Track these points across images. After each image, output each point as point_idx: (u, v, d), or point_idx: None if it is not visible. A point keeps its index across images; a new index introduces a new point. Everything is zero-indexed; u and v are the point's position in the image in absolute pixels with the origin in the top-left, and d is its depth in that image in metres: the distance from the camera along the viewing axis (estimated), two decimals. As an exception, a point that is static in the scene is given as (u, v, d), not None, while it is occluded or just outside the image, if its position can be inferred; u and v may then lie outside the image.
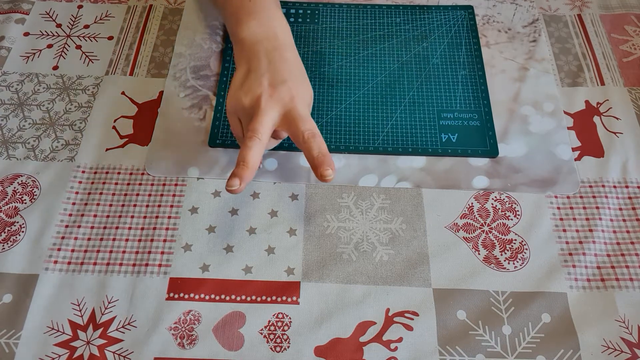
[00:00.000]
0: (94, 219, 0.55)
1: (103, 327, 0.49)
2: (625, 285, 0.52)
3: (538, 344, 0.49)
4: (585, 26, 0.71)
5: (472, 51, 0.67)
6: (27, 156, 0.59)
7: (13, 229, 0.54)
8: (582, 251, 0.54)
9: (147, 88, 0.65)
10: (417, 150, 0.59)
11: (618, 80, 0.66)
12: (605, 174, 0.59)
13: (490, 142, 0.60)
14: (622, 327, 0.50)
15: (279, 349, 0.48)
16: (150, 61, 0.67)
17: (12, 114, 0.62)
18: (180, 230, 0.55)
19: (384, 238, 0.54)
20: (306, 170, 0.58)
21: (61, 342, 0.48)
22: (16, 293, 0.51)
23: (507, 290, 0.52)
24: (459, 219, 0.56)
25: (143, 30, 0.70)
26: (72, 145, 0.60)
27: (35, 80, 0.65)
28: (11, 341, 0.48)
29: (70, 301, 0.50)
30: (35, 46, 0.69)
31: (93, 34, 0.70)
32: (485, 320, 0.50)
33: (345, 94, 0.63)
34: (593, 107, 0.64)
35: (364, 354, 0.48)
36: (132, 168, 0.58)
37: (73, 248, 0.53)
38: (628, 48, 0.69)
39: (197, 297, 0.51)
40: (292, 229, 0.55)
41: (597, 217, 0.56)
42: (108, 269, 0.52)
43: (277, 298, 0.51)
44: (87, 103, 0.63)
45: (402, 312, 0.50)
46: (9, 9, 0.72)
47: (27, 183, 0.57)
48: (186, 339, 0.49)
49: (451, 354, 0.48)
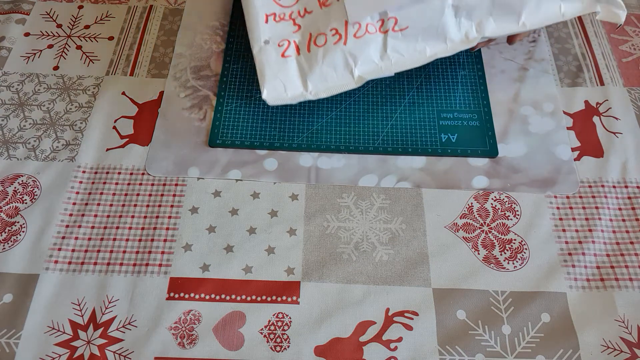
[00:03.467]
0: (94, 219, 0.55)
1: (103, 327, 0.49)
2: (624, 285, 0.52)
3: (538, 344, 0.49)
4: (584, 26, 0.71)
5: (472, 51, 0.67)
6: (27, 156, 0.59)
7: (14, 228, 0.54)
8: (581, 251, 0.54)
9: (147, 88, 0.65)
10: (417, 150, 0.59)
11: (617, 80, 0.66)
12: (604, 174, 0.59)
13: (490, 142, 0.60)
14: (621, 327, 0.50)
15: (279, 349, 0.48)
16: (151, 61, 0.67)
17: (13, 114, 0.62)
18: (180, 230, 0.55)
19: (384, 238, 0.55)
20: (306, 170, 0.59)
21: (61, 341, 0.48)
22: (16, 293, 0.51)
23: (506, 290, 0.52)
24: (459, 219, 0.56)
25: (143, 31, 0.70)
26: (72, 145, 0.60)
27: (35, 81, 0.65)
28: (11, 341, 0.48)
29: (70, 301, 0.50)
30: (35, 46, 0.69)
31: (93, 34, 0.70)
32: (485, 320, 0.50)
33: (345, 94, 0.63)
34: (592, 107, 0.64)
35: (364, 354, 0.48)
36: (132, 168, 0.59)
37: (73, 248, 0.53)
38: (627, 48, 0.69)
39: (197, 296, 0.51)
40: (292, 229, 0.55)
41: (596, 217, 0.56)
42: (108, 268, 0.52)
43: (277, 298, 0.51)
44: (88, 103, 0.63)
45: (402, 312, 0.50)
46: (9, 9, 0.72)
47: (28, 183, 0.57)
48: (186, 339, 0.49)
49: (451, 353, 0.48)
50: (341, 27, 0.51)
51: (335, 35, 0.51)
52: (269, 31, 0.55)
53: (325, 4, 0.52)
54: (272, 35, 0.54)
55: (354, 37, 0.50)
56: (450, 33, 0.51)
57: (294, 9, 0.54)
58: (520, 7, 0.52)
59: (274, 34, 0.55)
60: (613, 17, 0.51)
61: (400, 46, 0.51)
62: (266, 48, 0.54)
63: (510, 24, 0.52)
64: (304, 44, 0.52)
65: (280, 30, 0.55)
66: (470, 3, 0.50)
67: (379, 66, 0.51)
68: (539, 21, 0.52)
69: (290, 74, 0.54)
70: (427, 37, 0.51)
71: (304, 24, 0.53)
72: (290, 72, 0.54)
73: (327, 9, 0.52)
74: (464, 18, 0.51)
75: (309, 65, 0.53)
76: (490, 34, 0.52)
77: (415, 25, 0.50)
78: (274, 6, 0.55)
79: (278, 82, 0.54)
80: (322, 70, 0.52)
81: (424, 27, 0.50)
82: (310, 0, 0.53)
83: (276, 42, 0.54)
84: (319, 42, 0.51)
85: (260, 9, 0.55)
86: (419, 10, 0.50)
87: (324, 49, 0.51)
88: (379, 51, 0.51)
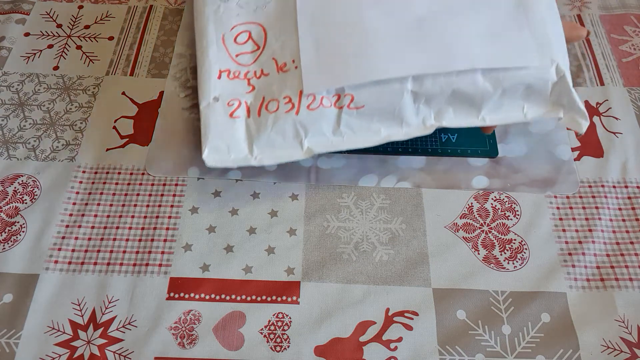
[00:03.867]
0: (94, 219, 0.55)
1: (103, 327, 0.49)
2: (624, 285, 0.52)
3: (538, 344, 0.49)
4: (585, 26, 0.71)
5: None
6: (27, 156, 0.59)
7: (14, 228, 0.54)
8: (581, 251, 0.54)
9: (147, 88, 0.65)
10: (417, 150, 0.59)
11: (618, 80, 0.66)
12: (604, 174, 0.59)
13: (489, 142, 0.60)
14: (621, 327, 0.50)
15: (279, 349, 0.48)
16: (151, 61, 0.67)
17: (13, 114, 0.62)
18: (180, 230, 0.55)
19: (384, 238, 0.55)
20: (306, 170, 0.59)
21: (61, 341, 0.48)
22: (16, 293, 0.51)
23: (506, 290, 0.52)
24: (459, 219, 0.56)
25: (143, 31, 0.70)
26: (72, 145, 0.60)
27: (35, 81, 0.65)
28: (11, 341, 0.48)
29: (70, 301, 0.50)
30: (35, 46, 0.69)
31: (93, 34, 0.70)
32: (485, 320, 0.50)
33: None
34: (593, 107, 0.64)
35: (364, 354, 0.48)
36: (132, 168, 0.59)
37: (73, 248, 0.53)
38: (627, 48, 0.69)
39: (197, 296, 0.51)
40: (292, 229, 0.55)
41: (596, 217, 0.56)
42: (108, 268, 0.52)
43: (277, 298, 0.51)
44: (88, 103, 0.63)
45: (402, 312, 0.50)
46: (9, 9, 0.72)
47: (28, 183, 0.57)
48: (186, 339, 0.49)
49: (451, 353, 0.48)
50: (295, 96, 0.48)
51: (288, 103, 0.48)
52: (220, 88, 0.51)
53: (283, 69, 0.49)
54: (223, 93, 0.51)
55: (307, 108, 0.48)
56: (407, 117, 0.50)
57: (250, 68, 0.51)
58: (481, 102, 0.50)
59: (225, 91, 0.51)
60: (576, 125, 0.50)
61: (355, 123, 0.49)
62: (214, 105, 0.50)
63: (469, 117, 0.51)
64: (256, 106, 0.50)
65: (233, 89, 0.51)
66: (430, 91, 0.49)
67: (330, 140, 0.49)
68: (500, 119, 0.51)
69: (236, 135, 0.50)
70: (383, 118, 0.50)
71: (259, 86, 0.50)
72: (237, 133, 0.50)
73: (284, 74, 0.49)
74: (422, 104, 0.50)
75: (257, 130, 0.50)
76: (448, 124, 0.51)
77: (372, 105, 0.48)
78: (230, 63, 0.52)
79: (222, 143, 0.50)
80: (270, 136, 0.49)
81: (380, 108, 0.49)
82: (268, 63, 0.51)
83: (226, 101, 0.50)
84: (270, 108, 0.49)
85: (215, 63, 0.52)
86: (377, 91, 0.48)
87: (274, 115, 0.48)
88: (332, 126, 0.49)
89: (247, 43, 0.51)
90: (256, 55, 0.51)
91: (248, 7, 0.52)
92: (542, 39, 0.50)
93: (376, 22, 0.49)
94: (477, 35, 0.50)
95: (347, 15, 0.50)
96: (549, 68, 0.50)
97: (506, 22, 0.50)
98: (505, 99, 0.50)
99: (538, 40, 0.50)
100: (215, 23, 0.52)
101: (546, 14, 0.52)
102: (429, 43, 0.49)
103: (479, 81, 0.49)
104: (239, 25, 0.52)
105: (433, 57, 0.48)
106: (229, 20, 0.52)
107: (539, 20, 0.51)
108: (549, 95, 0.51)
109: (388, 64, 0.48)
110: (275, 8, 0.52)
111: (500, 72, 0.49)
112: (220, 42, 0.51)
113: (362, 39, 0.49)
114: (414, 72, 0.48)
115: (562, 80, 0.50)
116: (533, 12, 0.51)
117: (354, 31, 0.49)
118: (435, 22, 0.50)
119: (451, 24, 0.50)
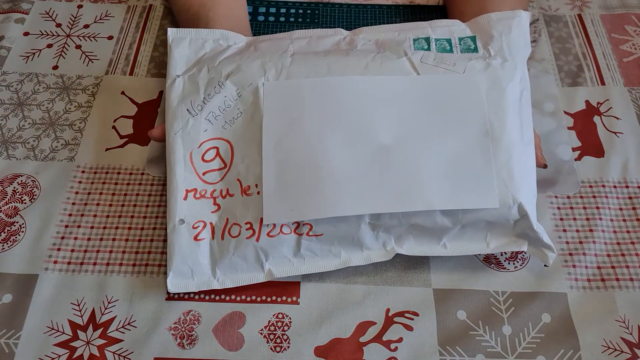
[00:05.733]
0: (93, 219, 0.55)
1: (103, 327, 0.49)
2: (625, 285, 0.52)
3: (538, 344, 0.49)
4: (585, 26, 0.71)
5: None
6: (26, 156, 0.59)
7: (13, 229, 0.54)
8: (582, 251, 0.54)
9: (147, 88, 0.65)
10: None
11: (618, 80, 0.66)
12: (605, 174, 0.59)
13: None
14: (622, 327, 0.50)
15: (279, 349, 0.48)
16: (150, 61, 0.67)
17: (12, 113, 0.62)
18: (180, 230, 0.54)
19: (384, 238, 0.54)
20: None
21: (61, 342, 0.48)
22: (16, 293, 0.51)
23: (507, 290, 0.52)
24: (459, 219, 0.56)
25: (143, 30, 0.70)
26: (71, 145, 0.60)
27: (35, 80, 0.65)
28: (11, 341, 0.48)
29: (70, 301, 0.50)
30: (35, 46, 0.69)
31: (93, 33, 0.70)
32: (485, 320, 0.50)
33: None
34: (593, 107, 0.64)
35: (364, 354, 0.48)
36: (132, 168, 0.58)
37: (73, 248, 0.53)
38: (628, 48, 0.69)
39: (197, 297, 0.51)
40: (292, 229, 0.55)
41: (597, 217, 0.56)
42: (108, 269, 0.52)
43: (277, 298, 0.51)
44: (87, 103, 0.63)
45: (402, 312, 0.50)
46: (8, 8, 0.72)
47: (27, 183, 0.57)
48: (186, 339, 0.49)
49: (451, 354, 0.48)
50: (256, 223, 0.49)
51: (249, 229, 0.49)
52: (186, 210, 0.51)
53: (247, 193, 0.50)
54: (188, 215, 0.51)
55: (267, 235, 0.49)
56: (367, 243, 0.51)
57: (217, 187, 0.51)
58: (441, 234, 0.51)
59: (191, 213, 0.51)
60: (542, 257, 0.51)
61: (315, 247, 0.50)
62: (180, 229, 0.50)
63: (431, 244, 0.51)
64: (220, 228, 0.50)
65: (198, 210, 0.51)
66: (388, 224, 0.50)
67: (292, 262, 0.50)
68: (463, 248, 0.51)
69: (200, 258, 0.50)
70: (342, 243, 0.50)
71: (224, 206, 0.51)
72: (201, 257, 0.50)
73: (248, 198, 0.50)
74: (382, 232, 0.50)
75: (220, 253, 0.50)
76: (408, 251, 0.51)
77: (331, 234, 0.49)
78: (197, 181, 0.52)
79: (186, 268, 0.50)
80: (232, 260, 0.50)
81: (339, 236, 0.50)
82: (233, 183, 0.51)
83: (191, 223, 0.50)
84: (233, 233, 0.49)
85: (182, 184, 0.51)
86: (335, 222, 0.49)
87: (236, 240, 0.49)
88: (292, 249, 0.50)
89: (215, 160, 0.52)
90: (223, 174, 0.51)
91: (217, 123, 0.52)
92: (506, 175, 0.49)
93: (340, 153, 0.50)
94: (439, 172, 0.49)
95: (310, 143, 0.50)
96: (510, 209, 0.49)
97: (472, 153, 0.50)
98: (467, 230, 0.51)
99: (502, 177, 0.49)
100: (183, 139, 0.52)
101: (516, 144, 0.50)
102: (388, 179, 0.49)
103: (438, 218, 0.49)
104: (207, 141, 0.52)
105: (391, 197, 0.49)
106: (197, 136, 0.52)
107: (505, 153, 0.50)
108: (511, 229, 0.51)
109: (346, 201, 0.48)
110: (242, 123, 0.52)
111: (459, 211, 0.49)
112: (188, 160, 0.52)
113: (323, 174, 0.49)
114: (372, 211, 0.49)
115: (525, 218, 0.49)
116: (500, 143, 0.50)
117: (316, 164, 0.49)
118: (399, 153, 0.50)
119: (414, 156, 0.50)
